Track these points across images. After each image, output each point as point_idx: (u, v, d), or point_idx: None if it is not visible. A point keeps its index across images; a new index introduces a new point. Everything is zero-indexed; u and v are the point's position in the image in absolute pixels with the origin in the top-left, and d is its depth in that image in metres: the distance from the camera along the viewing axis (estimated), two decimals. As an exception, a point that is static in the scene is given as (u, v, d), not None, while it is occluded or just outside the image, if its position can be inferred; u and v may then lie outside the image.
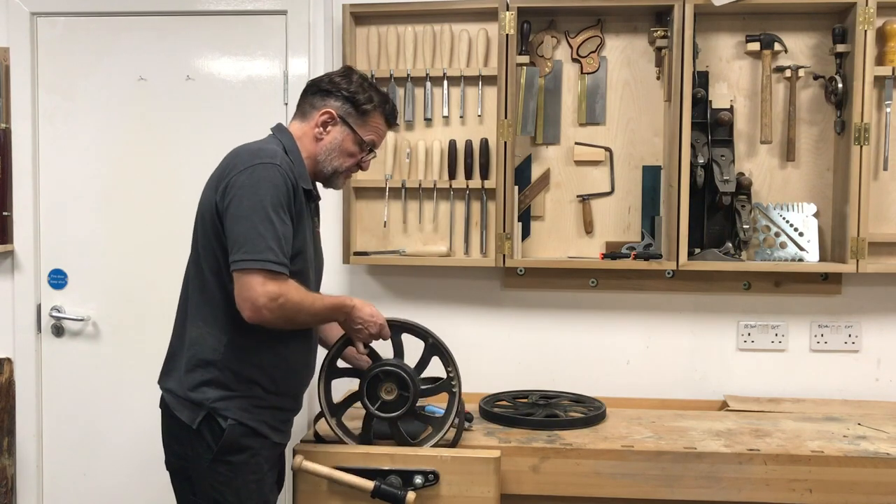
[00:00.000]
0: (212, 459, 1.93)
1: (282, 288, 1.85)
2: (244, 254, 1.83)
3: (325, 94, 2.05)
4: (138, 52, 2.86)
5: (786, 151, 2.67)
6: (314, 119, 2.05)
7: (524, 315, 2.80)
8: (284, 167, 1.92)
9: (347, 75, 2.08)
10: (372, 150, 2.11)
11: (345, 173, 2.10)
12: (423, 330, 2.16)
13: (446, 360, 2.15)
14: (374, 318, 2.08)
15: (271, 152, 1.93)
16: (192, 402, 1.95)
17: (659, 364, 2.77)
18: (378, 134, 2.10)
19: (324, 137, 2.05)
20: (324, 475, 2.06)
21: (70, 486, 2.96)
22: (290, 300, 1.86)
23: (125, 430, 2.91)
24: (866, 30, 2.50)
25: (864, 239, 2.51)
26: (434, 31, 2.72)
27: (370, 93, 2.06)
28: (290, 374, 2.04)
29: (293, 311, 1.88)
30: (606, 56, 2.73)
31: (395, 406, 2.12)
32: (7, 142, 2.86)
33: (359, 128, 2.05)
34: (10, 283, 2.91)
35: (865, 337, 2.72)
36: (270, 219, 1.85)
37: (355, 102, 2.04)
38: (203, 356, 1.95)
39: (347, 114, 2.04)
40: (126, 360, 2.89)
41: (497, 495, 2.09)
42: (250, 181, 1.87)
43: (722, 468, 2.14)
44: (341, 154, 2.06)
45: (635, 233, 2.74)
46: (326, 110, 2.04)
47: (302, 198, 1.98)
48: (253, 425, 1.96)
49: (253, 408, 1.97)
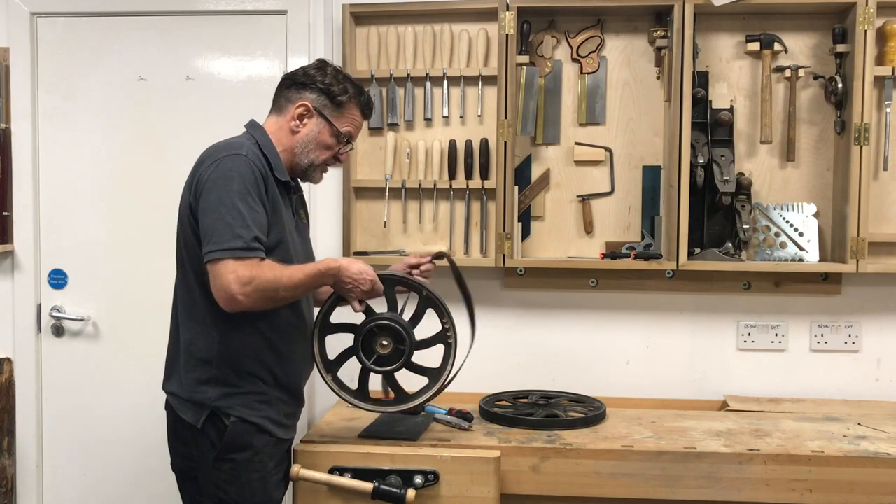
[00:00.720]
0: (215, 458, 1.93)
1: (253, 270, 1.83)
2: (212, 245, 1.84)
3: (301, 87, 2.05)
4: (138, 52, 2.86)
5: (786, 151, 2.67)
6: (290, 112, 2.05)
7: (524, 315, 2.80)
8: (251, 157, 1.92)
9: (322, 68, 2.08)
10: (349, 142, 2.10)
11: (322, 166, 2.09)
12: (416, 283, 2.14)
13: (441, 312, 2.11)
14: (363, 275, 1.99)
15: (237, 144, 1.95)
16: (194, 403, 1.95)
17: (659, 364, 2.77)
18: (354, 125, 2.09)
19: (300, 130, 2.05)
20: (322, 482, 2.06)
21: (70, 486, 2.96)
22: (264, 279, 1.85)
23: (125, 430, 2.91)
24: (866, 30, 2.50)
25: (864, 239, 2.51)
26: (434, 31, 2.72)
27: (345, 84, 2.06)
28: (289, 365, 2.04)
29: (270, 289, 1.86)
30: (606, 56, 2.73)
31: (390, 360, 2.09)
32: (7, 142, 2.86)
33: (335, 119, 2.05)
34: (10, 283, 2.91)
35: (865, 337, 2.72)
36: (237, 207, 1.85)
37: (331, 94, 2.04)
38: (199, 355, 1.96)
39: (323, 106, 2.04)
40: (126, 360, 2.89)
41: (497, 495, 2.09)
42: (216, 174, 1.89)
43: (722, 468, 2.14)
44: (318, 146, 2.06)
45: (635, 233, 2.74)
46: (302, 103, 2.04)
47: (277, 189, 1.98)
48: (256, 421, 1.95)
49: (256, 403, 1.96)
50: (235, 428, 1.93)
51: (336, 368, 2.15)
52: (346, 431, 2.31)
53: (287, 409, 2.06)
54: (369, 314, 2.11)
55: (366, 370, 2.12)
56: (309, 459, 2.10)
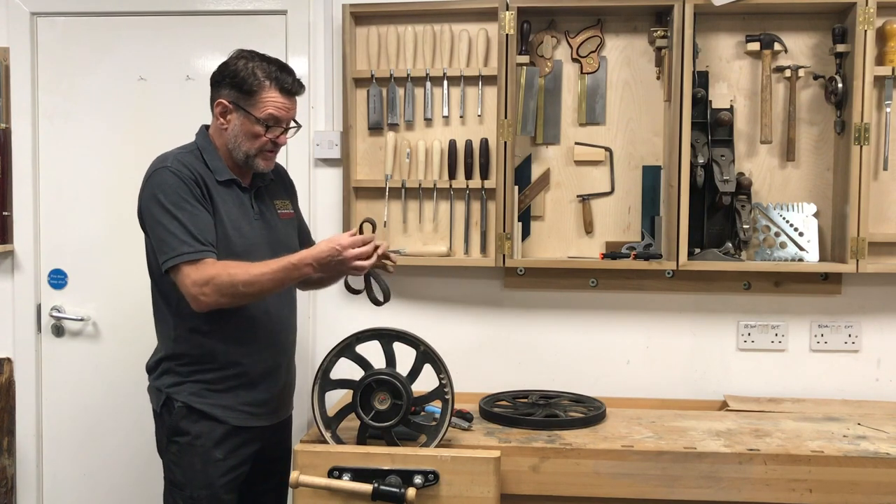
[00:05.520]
0: (167, 440, 2.12)
1: (207, 271, 1.94)
2: (164, 255, 1.98)
3: (216, 86, 2.11)
4: (138, 52, 2.86)
5: (786, 151, 2.67)
6: (215, 111, 2.11)
7: (524, 315, 2.80)
8: (175, 166, 2.02)
9: (234, 60, 2.09)
10: (277, 125, 2.09)
11: (259, 155, 2.11)
12: (414, 338, 2.16)
13: (438, 368, 2.14)
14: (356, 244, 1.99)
15: (163, 157, 2.07)
16: (156, 390, 2.14)
17: (659, 364, 2.76)
18: (276, 107, 2.07)
19: (227, 127, 2.09)
20: (322, 486, 2.06)
21: (70, 486, 2.96)
22: (220, 280, 1.94)
23: (125, 430, 2.91)
24: (866, 30, 2.50)
25: (864, 239, 2.51)
26: (434, 31, 2.72)
27: (254, 69, 2.05)
28: (250, 356, 2.12)
29: (228, 285, 1.94)
30: (606, 56, 2.73)
31: (388, 415, 2.12)
32: (7, 142, 2.86)
33: (250, 108, 2.06)
34: (10, 283, 2.91)
35: (865, 337, 2.72)
36: (174, 215, 1.97)
37: (240, 85, 2.05)
38: (163, 350, 2.15)
39: (237, 98, 2.07)
40: (126, 360, 2.89)
41: (497, 495, 2.09)
42: (146, 192, 2.04)
43: (722, 468, 2.14)
44: (246, 138, 2.08)
45: (635, 233, 2.74)
46: (219, 101, 2.09)
47: (217, 187, 2.07)
48: (202, 409, 2.08)
49: (206, 392, 2.08)
50: (179, 413, 2.08)
51: (335, 424, 2.18)
52: (345, 432, 2.31)
53: (250, 398, 2.12)
54: (366, 368, 2.14)
55: (364, 426, 2.14)
56: (309, 460, 2.10)
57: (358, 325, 2.25)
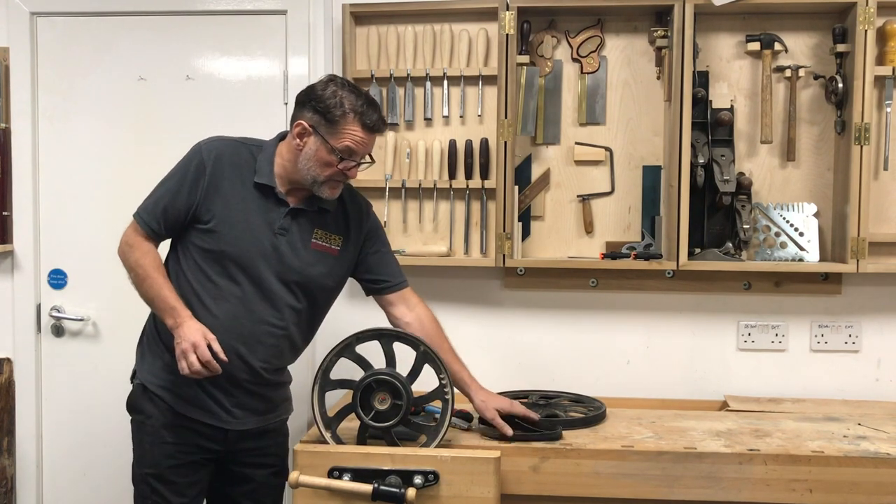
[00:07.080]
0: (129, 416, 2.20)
1: (132, 240, 2.09)
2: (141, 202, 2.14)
3: (301, 106, 2.08)
4: (138, 52, 2.86)
5: (786, 151, 2.67)
6: (293, 131, 2.08)
7: (524, 315, 2.80)
8: (206, 147, 2.10)
9: (324, 84, 2.06)
10: (351, 158, 2.07)
11: (328, 183, 2.08)
12: (414, 338, 2.16)
13: (438, 368, 2.14)
14: (192, 358, 1.95)
15: (213, 136, 2.16)
16: (134, 370, 2.23)
17: (659, 364, 2.76)
18: (354, 140, 2.04)
19: (302, 148, 2.07)
20: (322, 486, 2.06)
21: (70, 486, 2.96)
22: (128, 256, 2.09)
23: (125, 430, 2.89)
24: (866, 30, 2.50)
25: (865, 239, 2.51)
26: (434, 31, 2.72)
27: (342, 100, 2.02)
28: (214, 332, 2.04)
29: (128, 266, 2.10)
30: (606, 56, 2.72)
31: (388, 415, 2.11)
32: (7, 142, 2.86)
33: (330, 137, 2.03)
34: (10, 283, 2.91)
35: (865, 337, 2.72)
36: (164, 184, 2.12)
37: (324, 112, 2.02)
38: (143, 333, 2.24)
39: (318, 123, 2.04)
40: (126, 360, 2.86)
41: (497, 495, 2.08)
42: None
43: (722, 468, 2.14)
44: (318, 164, 2.06)
45: (635, 233, 2.74)
46: (298, 122, 2.06)
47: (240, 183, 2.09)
48: (153, 390, 2.13)
49: (162, 373, 2.12)
50: (137, 390, 2.17)
51: (335, 425, 2.18)
52: (345, 432, 2.31)
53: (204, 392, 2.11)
54: (366, 368, 2.14)
55: (364, 426, 2.14)
56: (309, 460, 2.10)
57: (358, 325, 2.24)
